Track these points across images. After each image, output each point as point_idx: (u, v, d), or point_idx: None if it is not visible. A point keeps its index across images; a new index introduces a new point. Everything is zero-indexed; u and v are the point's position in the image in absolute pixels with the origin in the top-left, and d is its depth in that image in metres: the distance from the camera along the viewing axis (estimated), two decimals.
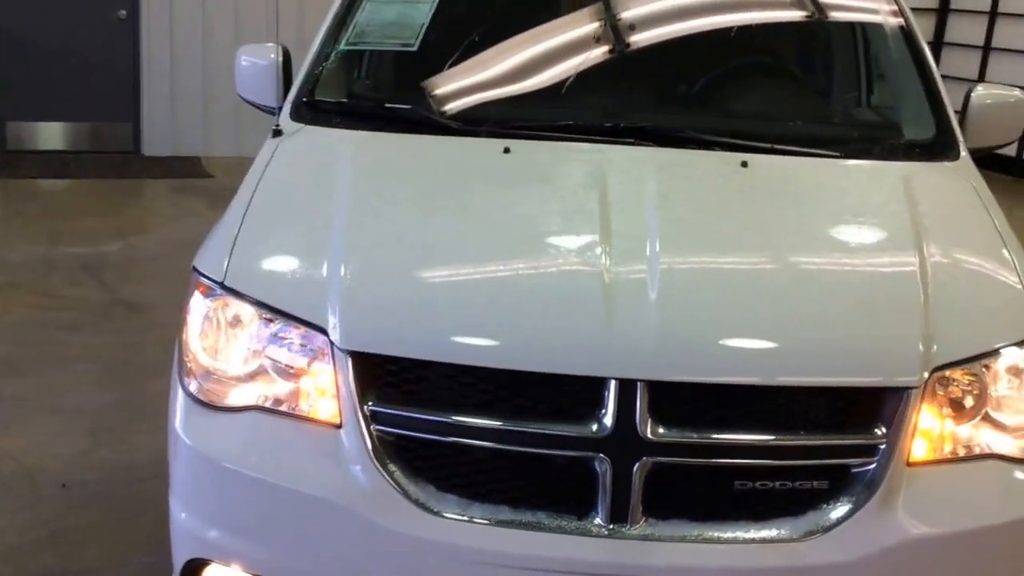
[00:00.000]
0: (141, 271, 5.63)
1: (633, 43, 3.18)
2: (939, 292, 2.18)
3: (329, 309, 2.10)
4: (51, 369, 4.31)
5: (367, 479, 2.02)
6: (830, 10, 3.46)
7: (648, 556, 1.96)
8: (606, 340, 1.99)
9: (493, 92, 3.03)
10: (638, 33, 3.20)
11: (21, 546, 3.09)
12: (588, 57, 3.12)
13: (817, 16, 3.45)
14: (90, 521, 3.23)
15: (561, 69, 3.10)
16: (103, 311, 5.00)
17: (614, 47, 3.18)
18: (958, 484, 2.06)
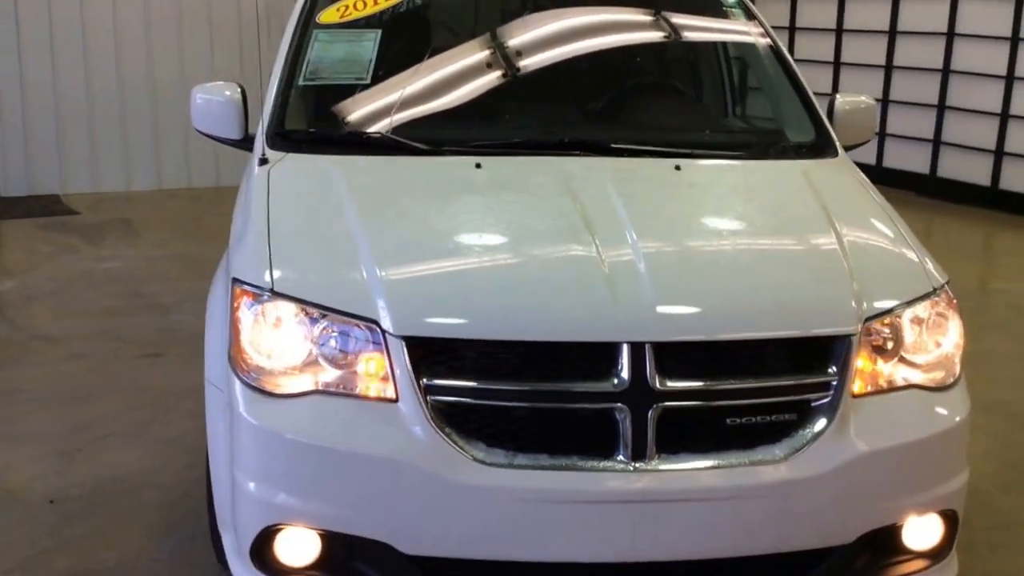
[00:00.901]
0: (43, 306, 5.72)
1: (562, 70, 3.69)
2: (856, 261, 2.76)
3: (378, 304, 2.49)
4: None
5: (428, 441, 2.41)
6: (712, 34, 4.08)
7: (665, 484, 2.43)
8: (616, 313, 2.47)
9: (451, 117, 3.47)
10: (566, 62, 3.72)
11: (34, 555, 3.29)
12: (526, 83, 3.64)
13: (703, 41, 4.09)
14: (90, 530, 3.44)
15: (503, 94, 3.60)
16: (21, 346, 5.11)
17: (545, 75, 3.69)
18: (890, 410, 2.62)
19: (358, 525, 2.48)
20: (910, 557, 2.69)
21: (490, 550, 2.46)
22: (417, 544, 2.46)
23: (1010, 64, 8.59)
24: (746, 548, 2.50)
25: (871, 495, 2.56)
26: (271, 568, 2.57)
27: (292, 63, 3.59)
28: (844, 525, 2.55)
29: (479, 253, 2.76)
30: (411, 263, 2.68)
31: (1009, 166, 8.71)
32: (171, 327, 5.41)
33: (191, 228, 7.55)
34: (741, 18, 3.95)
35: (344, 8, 3.76)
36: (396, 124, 3.39)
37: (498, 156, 3.21)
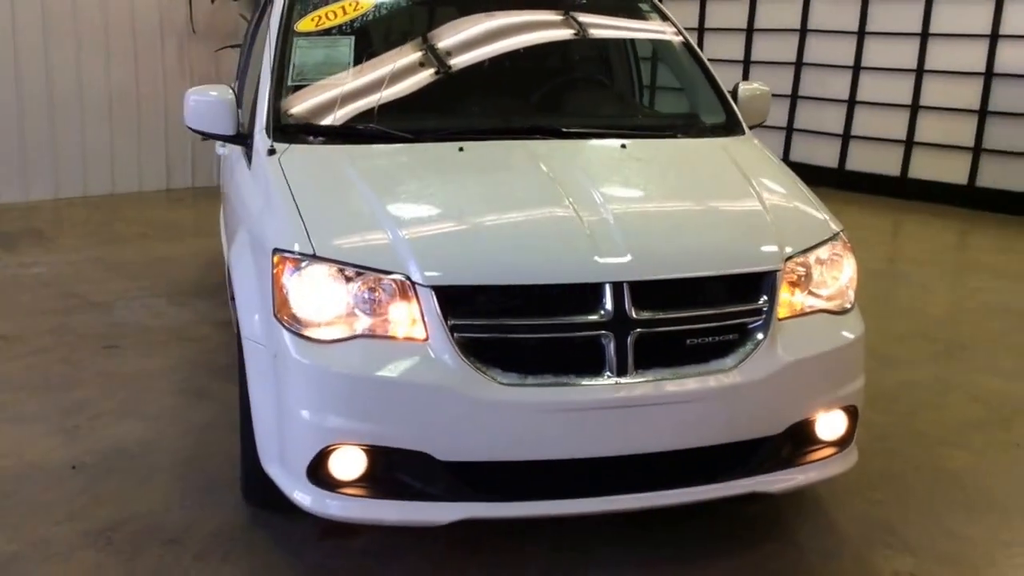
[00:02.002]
0: None
1: (511, 68, 4.43)
2: (774, 215, 3.50)
3: (407, 261, 3.09)
4: None
5: (456, 369, 3.02)
6: (632, 35, 4.84)
7: (643, 392, 3.08)
8: (598, 260, 3.13)
9: (426, 110, 4.12)
10: (514, 61, 4.45)
11: (76, 509, 3.72)
12: (483, 80, 4.36)
13: (624, 41, 4.88)
14: (117, 487, 3.88)
15: (466, 90, 4.32)
16: None
17: (497, 72, 4.41)
18: (805, 329, 3.34)
19: (401, 439, 3.05)
20: (822, 446, 3.42)
21: (509, 453, 3.07)
22: (450, 452, 3.05)
23: (919, 58, 9.57)
24: (707, 439, 3.19)
25: (795, 395, 3.28)
26: (326, 484, 3.12)
27: (280, 66, 4.11)
28: (776, 419, 3.27)
29: (482, 216, 3.39)
30: (429, 227, 3.29)
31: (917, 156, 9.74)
32: (117, 322, 5.78)
33: (102, 234, 7.86)
34: (657, 20, 4.70)
35: (318, 18, 4.32)
36: (382, 116, 3.99)
37: (474, 141, 3.84)
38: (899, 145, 9.89)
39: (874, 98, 10.04)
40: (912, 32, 9.70)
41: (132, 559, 3.40)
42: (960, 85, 9.47)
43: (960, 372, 5.28)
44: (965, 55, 9.41)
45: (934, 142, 9.70)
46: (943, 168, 9.60)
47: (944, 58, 9.58)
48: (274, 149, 3.73)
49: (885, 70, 9.92)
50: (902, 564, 3.44)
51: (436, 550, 3.46)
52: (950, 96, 9.55)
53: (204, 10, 9.26)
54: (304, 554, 3.45)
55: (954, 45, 9.50)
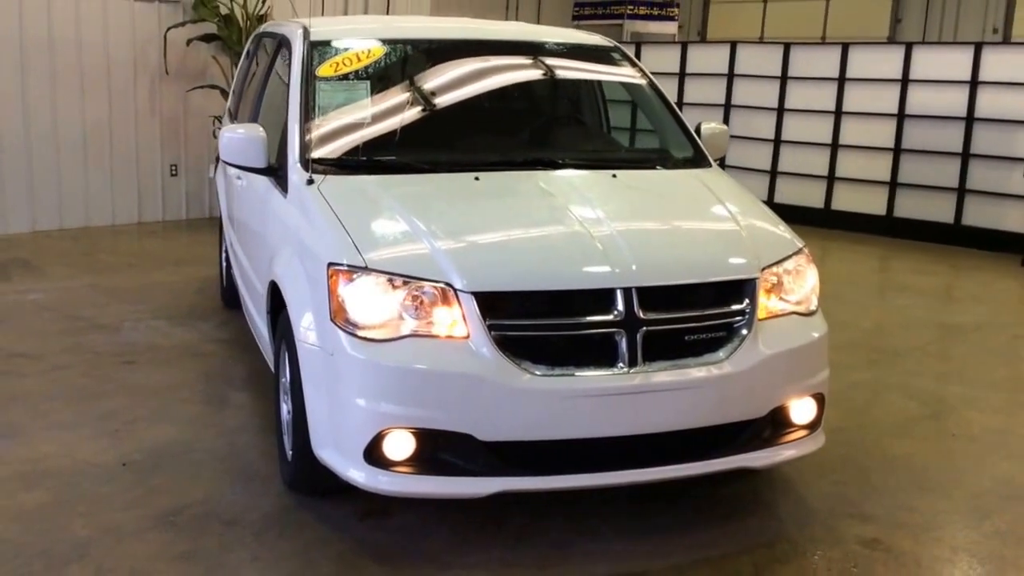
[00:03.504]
0: None
1: (509, 110, 5.03)
2: (748, 232, 4.11)
3: (450, 271, 3.62)
4: (15, 404, 5.14)
5: (494, 361, 3.55)
6: (611, 77, 5.46)
7: (650, 380, 3.65)
8: (610, 270, 3.70)
9: (439, 146, 4.68)
10: (509, 103, 5.02)
11: (135, 499, 4.15)
12: (484, 120, 4.93)
13: (598, 84, 5.51)
14: (168, 480, 4.31)
15: (469, 129, 4.87)
16: (5, 361, 5.76)
17: (496, 113, 5.01)
18: (780, 329, 3.94)
19: (447, 423, 3.56)
20: (796, 428, 4.01)
21: (538, 433, 3.61)
22: (489, 432, 3.57)
23: (838, 101, 10.34)
24: (703, 421, 3.76)
25: (775, 383, 3.88)
26: (379, 463, 3.62)
27: (305, 107, 4.62)
28: (760, 404, 3.85)
29: (508, 233, 3.98)
30: (464, 242, 3.82)
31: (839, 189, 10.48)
32: (127, 341, 6.18)
33: (88, 264, 8.21)
34: (628, 67, 5.32)
35: (336, 64, 4.85)
36: (401, 151, 4.55)
37: (485, 171, 4.40)
38: (822, 180, 10.69)
39: (797, 137, 10.84)
40: (831, 77, 10.53)
41: (198, 537, 3.84)
42: (876, 125, 10.28)
43: (896, 375, 5.95)
44: (880, 97, 10.25)
45: (855, 177, 10.51)
46: (863, 200, 10.40)
47: (860, 100, 10.42)
48: (312, 179, 4.23)
49: (807, 111, 10.72)
50: (865, 531, 4.04)
51: (465, 526, 3.95)
52: (867, 135, 10.36)
53: (176, 52, 9.68)
54: (348, 530, 3.93)
55: (869, 89, 10.33)
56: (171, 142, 9.95)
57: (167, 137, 9.91)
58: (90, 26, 9.35)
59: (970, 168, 9.77)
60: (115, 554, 3.72)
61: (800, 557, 3.83)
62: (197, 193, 10.16)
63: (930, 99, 9.91)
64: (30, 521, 3.96)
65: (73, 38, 9.27)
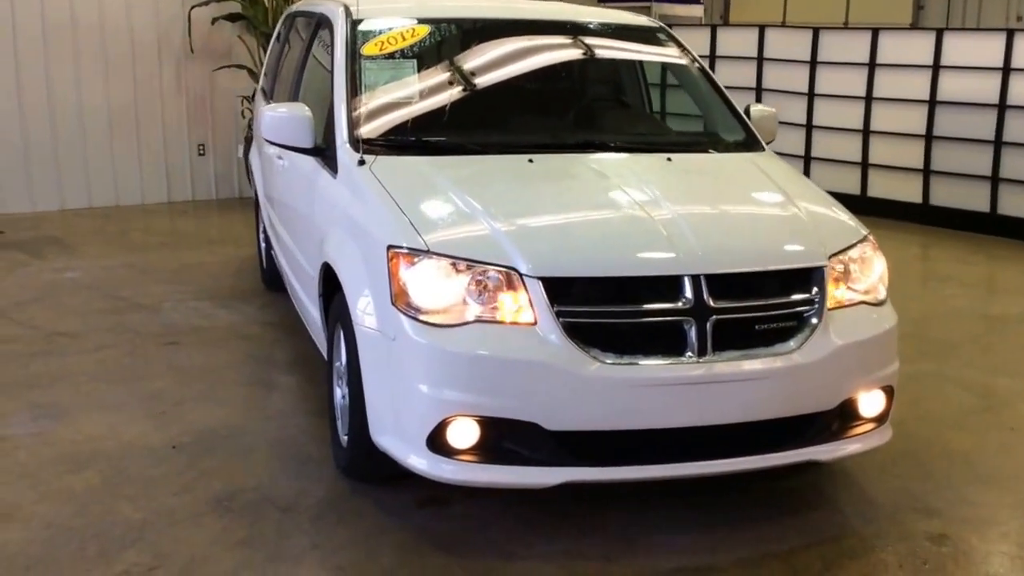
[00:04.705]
0: (38, 310, 6.26)
1: (555, 91, 5.01)
2: (812, 219, 4.02)
3: (515, 256, 3.53)
4: (58, 383, 5.10)
5: (563, 348, 3.46)
6: (652, 57, 5.38)
7: (720, 370, 3.55)
8: (678, 256, 3.61)
9: (489, 127, 4.59)
10: (557, 84, 4.96)
11: (188, 482, 4.09)
12: (532, 101, 4.83)
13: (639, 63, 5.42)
14: (220, 464, 4.25)
15: (517, 109, 4.78)
16: (48, 341, 5.72)
17: (542, 94, 4.93)
18: (850, 318, 3.85)
19: (513, 411, 3.48)
20: (864, 421, 3.92)
21: (606, 422, 3.52)
22: (556, 421, 3.49)
23: (868, 86, 10.19)
24: (771, 413, 3.66)
25: (846, 374, 3.78)
26: (442, 451, 3.54)
27: (352, 87, 4.53)
28: (830, 395, 3.76)
29: (570, 216, 3.88)
30: (527, 226, 3.74)
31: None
32: (169, 322, 6.12)
33: (122, 243, 8.15)
34: (674, 48, 5.22)
35: (381, 43, 4.75)
36: (449, 131, 4.47)
37: (537, 153, 4.31)
38: (856, 167, 10.56)
39: (829, 122, 10.70)
40: (861, 62, 10.38)
41: (255, 523, 3.78)
42: (907, 111, 10.16)
43: (947, 367, 5.84)
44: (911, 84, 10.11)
45: (888, 164, 10.37)
46: (898, 188, 10.27)
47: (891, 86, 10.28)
48: (364, 160, 4.14)
49: (838, 97, 10.58)
50: (931, 526, 3.95)
51: (527, 516, 3.88)
52: (899, 121, 10.24)
53: (201, 32, 9.59)
54: (407, 518, 3.86)
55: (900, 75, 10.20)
56: (198, 122, 9.86)
57: (194, 117, 9.83)
58: (113, 5, 9.26)
59: (1003, 156, 9.61)
60: (171, 539, 3.66)
61: (869, 552, 3.75)
62: (226, 173, 10.07)
63: (961, 86, 9.76)
64: (81, 504, 3.90)
65: (96, 18, 9.19)
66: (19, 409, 4.78)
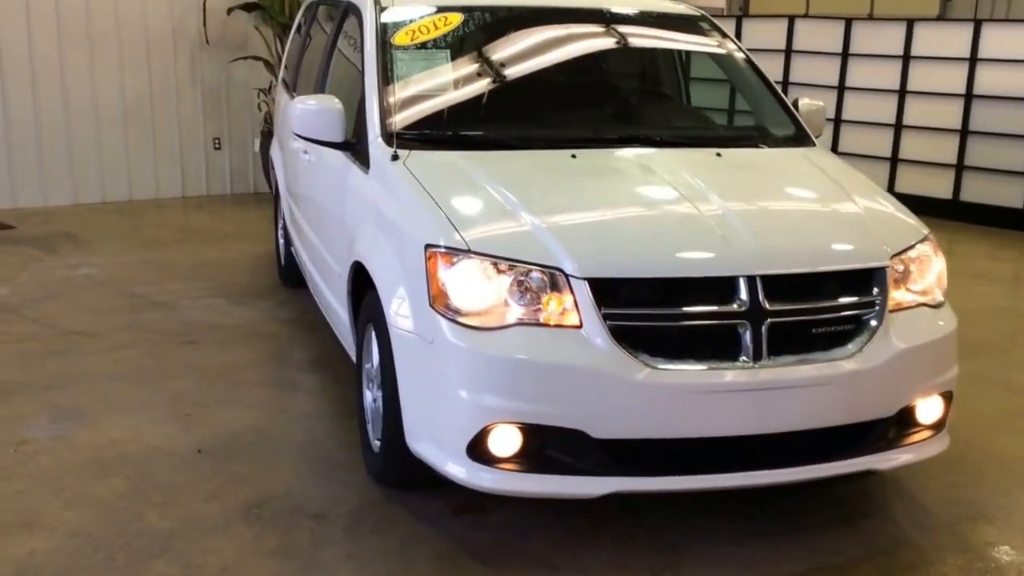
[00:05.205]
0: (53, 307, 6.11)
1: (595, 83, 4.80)
2: (871, 217, 3.84)
3: (561, 256, 3.36)
4: (77, 384, 4.94)
5: (611, 353, 3.30)
6: (697, 48, 5.19)
7: (776, 376, 3.38)
8: (731, 255, 3.44)
9: (528, 121, 4.40)
10: (597, 76, 4.78)
11: (215, 489, 3.93)
12: (573, 93, 4.65)
13: (678, 55, 5.23)
14: (248, 469, 4.09)
15: (558, 102, 4.59)
16: (64, 340, 5.56)
17: (584, 84, 4.72)
18: (910, 321, 3.67)
19: (558, 418, 3.31)
20: (921, 428, 3.74)
21: (655, 430, 3.36)
22: (604, 429, 3.32)
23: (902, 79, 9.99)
24: (830, 420, 3.49)
25: (906, 380, 3.61)
26: (482, 459, 3.37)
27: (383, 79, 4.35)
28: (890, 402, 3.59)
29: (617, 214, 3.71)
30: (572, 224, 3.57)
31: None
32: (186, 320, 5.96)
33: (137, 238, 7.99)
34: (719, 38, 5.04)
35: (412, 33, 4.57)
36: (487, 125, 4.30)
37: (579, 148, 4.13)
38: (885, 162, 10.36)
39: (860, 117, 10.50)
40: (895, 55, 10.18)
41: (287, 532, 3.62)
42: (942, 105, 9.95)
43: (990, 367, 5.66)
44: (946, 77, 9.91)
45: (918, 159, 10.18)
46: (928, 183, 10.07)
47: (925, 80, 10.08)
48: (397, 155, 3.98)
49: (869, 90, 10.38)
50: (988, 535, 3.79)
51: (567, 525, 3.72)
52: (933, 115, 10.03)
53: (216, 22, 9.42)
54: (445, 527, 3.70)
55: (935, 67, 9.99)
56: (213, 115, 9.69)
57: (209, 110, 9.66)
58: None
59: None
60: (201, 548, 3.51)
61: (928, 565, 3.58)
62: (241, 167, 9.91)
63: (1000, 79, 9.57)
64: (107, 511, 3.75)
65: (111, 8, 9.01)
66: (38, 411, 4.62)
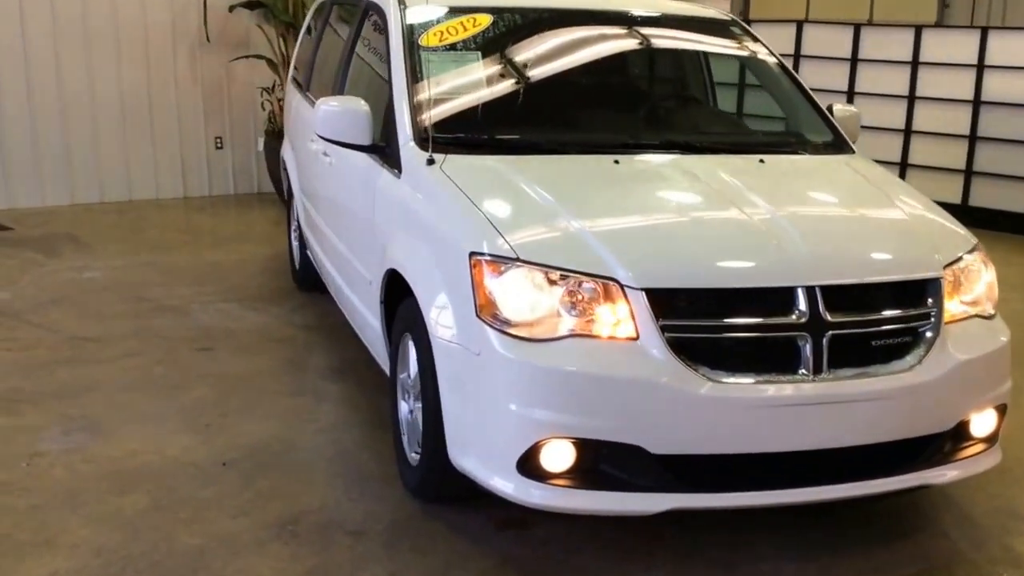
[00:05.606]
0: (59, 313, 5.92)
1: (629, 88, 4.70)
2: (922, 226, 3.73)
3: (615, 265, 3.23)
4: (89, 393, 4.77)
5: (669, 365, 3.17)
6: (731, 52, 5.06)
7: (837, 390, 3.26)
8: (789, 265, 3.33)
9: (563, 123, 4.31)
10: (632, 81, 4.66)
11: (244, 504, 3.78)
12: (609, 97, 4.52)
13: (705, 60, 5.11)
14: (276, 483, 3.93)
15: (596, 107, 4.45)
16: (73, 347, 5.38)
17: (619, 88, 4.59)
18: (966, 332, 3.56)
19: (614, 433, 3.18)
20: (975, 442, 3.63)
21: (715, 446, 3.23)
22: (662, 445, 3.19)
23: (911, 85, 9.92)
24: (889, 435, 3.38)
25: (963, 393, 3.50)
26: (534, 475, 3.24)
27: (413, 80, 4.20)
28: (948, 415, 3.48)
29: (669, 223, 3.58)
30: (624, 232, 3.45)
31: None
32: (199, 325, 5.78)
33: (139, 240, 7.80)
34: (751, 42, 4.92)
35: (440, 33, 4.42)
36: (523, 128, 4.16)
37: (619, 154, 4.00)
38: (895, 167, 10.29)
39: (869, 122, 10.40)
40: (904, 60, 10.11)
41: (324, 550, 3.48)
42: (950, 111, 9.89)
43: (1018, 376, 5.55)
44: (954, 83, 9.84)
45: (928, 164, 10.11)
46: (937, 189, 9.99)
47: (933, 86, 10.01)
48: (433, 159, 3.83)
49: (879, 95, 10.30)
50: None
51: (616, 541, 3.59)
52: (941, 121, 9.96)
53: (217, 19, 9.24)
54: (488, 543, 3.56)
55: (943, 73, 9.93)
56: (215, 114, 9.50)
57: (210, 108, 9.47)
58: None
59: None
60: (235, 568, 3.37)
61: None
62: (244, 168, 9.72)
63: (1008, 86, 9.51)
64: (132, 529, 3.60)
65: (108, 3, 8.82)
66: (50, 422, 4.46)
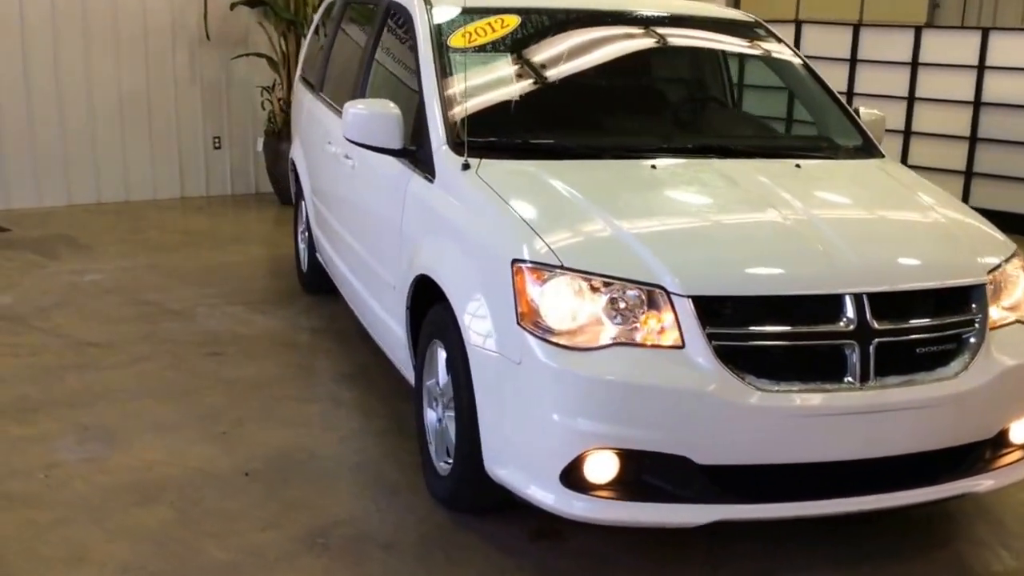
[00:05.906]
0: (62, 317, 5.79)
1: (659, 92, 4.64)
2: (962, 231, 3.68)
3: (661, 272, 3.16)
4: (101, 401, 4.66)
5: (716, 374, 3.10)
6: (758, 55, 4.99)
7: (884, 398, 3.20)
8: (836, 272, 3.27)
9: (597, 127, 4.24)
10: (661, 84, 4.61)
11: (271, 516, 3.68)
12: (642, 99, 4.46)
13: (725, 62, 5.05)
14: (302, 493, 3.84)
15: (627, 108, 4.38)
16: (78, 352, 5.25)
17: (649, 92, 4.53)
18: (1009, 338, 3.50)
19: (660, 443, 3.11)
20: (1013, 449, 3.57)
21: (762, 456, 3.17)
22: (709, 455, 3.13)
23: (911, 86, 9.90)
24: (935, 443, 3.32)
25: (1009, 399, 3.44)
26: (576, 486, 3.16)
27: (443, 83, 4.11)
28: (992, 423, 3.43)
29: (713, 228, 3.51)
30: (668, 239, 3.37)
31: None
32: (206, 329, 5.67)
33: (139, 242, 7.67)
34: (776, 44, 4.85)
35: (469, 35, 4.33)
36: (558, 132, 4.08)
37: (655, 158, 3.93)
38: None
39: None
40: (903, 61, 10.09)
41: (358, 564, 3.39)
42: (950, 112, 9.88)
43: None
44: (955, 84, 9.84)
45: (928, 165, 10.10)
46: None
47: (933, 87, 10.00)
48: (468, 164, 3.75)
49: (879, 96, 10.28)
50: None
51: (652, 551, 3.52)
52: (941, 122, 9.95)
53: (218, 17, 9.12)
54: (524, 555, 3.49)
55: (943, 75, 9.92)
56: (213, 113, 9.37)
57: (209, 108, 9.34)
58: None
59: None
60: None
61: None
62: (242, 168, 9.59)
63: (1008, 87, 9.51)
64: (158, 542, 3.51)
65: (107, 0, 8.69)
66: (64, 431, 4.35)
